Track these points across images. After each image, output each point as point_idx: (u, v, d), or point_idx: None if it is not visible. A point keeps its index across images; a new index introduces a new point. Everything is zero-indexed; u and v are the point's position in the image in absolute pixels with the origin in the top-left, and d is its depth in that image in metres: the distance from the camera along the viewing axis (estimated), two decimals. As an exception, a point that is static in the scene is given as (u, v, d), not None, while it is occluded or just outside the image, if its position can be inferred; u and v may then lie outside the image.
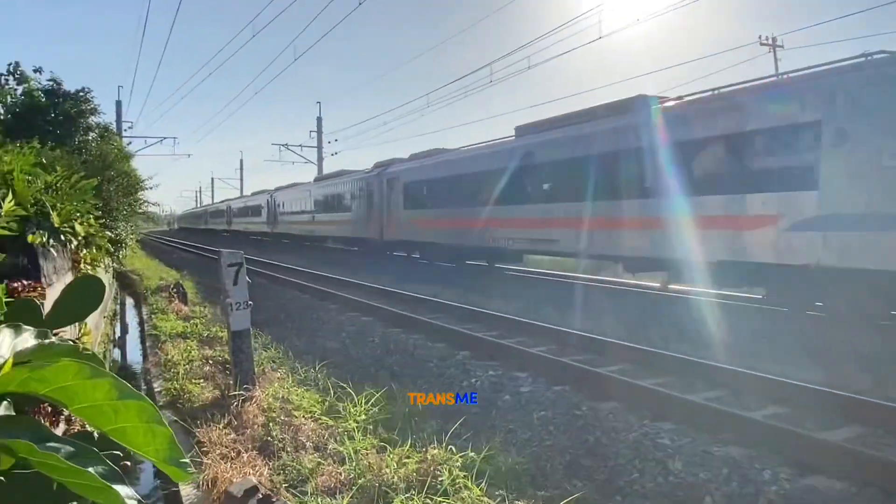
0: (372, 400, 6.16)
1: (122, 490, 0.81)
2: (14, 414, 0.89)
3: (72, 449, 0.82)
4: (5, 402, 0.90)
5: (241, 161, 79.35)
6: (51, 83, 20.40)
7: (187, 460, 0.82)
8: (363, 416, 5.72)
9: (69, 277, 5.88)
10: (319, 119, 50.10)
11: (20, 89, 21.90)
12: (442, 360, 8.40)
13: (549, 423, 5.94)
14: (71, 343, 0.94)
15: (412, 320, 11.04)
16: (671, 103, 12.91)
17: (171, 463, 0.81)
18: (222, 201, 66.21)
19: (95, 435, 0.96)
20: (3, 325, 0.90)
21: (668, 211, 11.72)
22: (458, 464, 4.56)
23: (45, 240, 4.89)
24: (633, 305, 12.17)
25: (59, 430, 3.04)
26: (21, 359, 0.85)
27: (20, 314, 1.51)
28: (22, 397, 0.87)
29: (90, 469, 0.80)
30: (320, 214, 29.39)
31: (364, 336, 10.14)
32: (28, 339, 0.90)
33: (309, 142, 50.57)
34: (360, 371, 8.23)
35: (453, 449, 4.83)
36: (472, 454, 4.74)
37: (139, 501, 0.85)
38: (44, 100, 20.13)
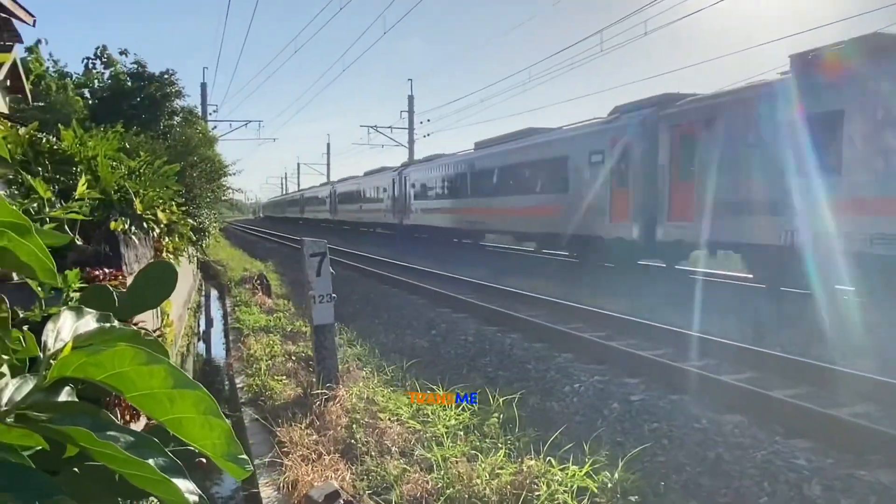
0: (464, 403, 6.19)
1: (183, 484, 0.83)
2: (76, 400, 0.93)
3: (132, 439, 0.85)
4: (67, 388, 0.94)
5: (328, 145, 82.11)
6: (135, 66, 21.70)
7: (245, 457, 0.83)
8: (453, 421, 5.76)
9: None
10: (411, 97, 50.76)
11: (107, 73, 23.37)
12: (540, 360, 8.34)
13: (663, 436, 5.78)
14: (133, 328, 0.98)
15: (510, 317, 11.04)
16: (534, 135, 22.11)
17: (228, 458, 0.82)
18: (297, 191, 78.48)
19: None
20: (65, 308, 0.95)
21: (524, 204, 21.05)
22: (558, 478, 4.51)
23: (126, 227, 5.20)
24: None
25: (139, 425, 3.22)
26: (81, 343, 0.89)
27: (94, 300, 1.60)
28: (96, 386, 0.91)
29: (150, 461, 0.82)
30: (365, 204, 39.43)
31: (455, 333, 10.21)
32: (89, 322, 0.94)
33: (399, 123, 51.40)
34: (450, 371, 8.29)
35: (552, 461, 4.79)
36: (574, 467, 4.67)
37: (201, 497, 0.87)
38: (130, 83, 21.44)
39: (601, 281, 15.52)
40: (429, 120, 59.11)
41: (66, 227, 3.54)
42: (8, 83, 17.31)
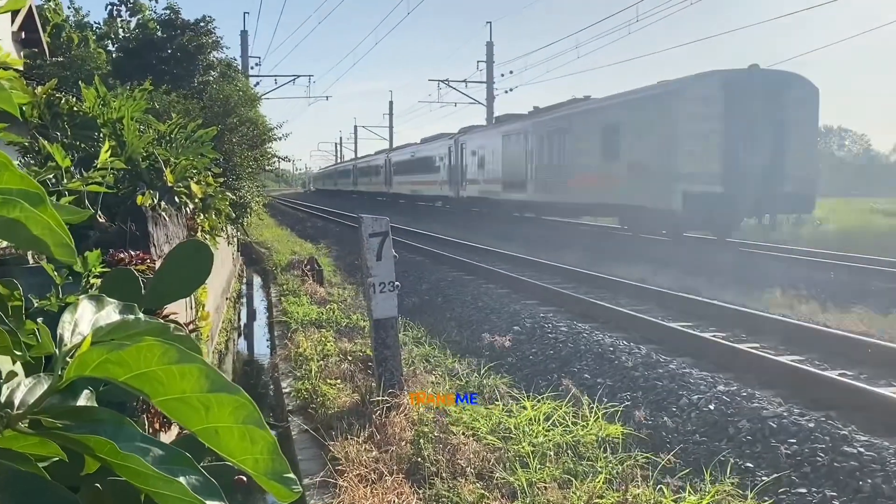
0: (555, 416, 6.18)
1: (219, 507, 0.85)
2: (96, 405, 0.96)
3: (161, 452, 0.87)
4: (86, 391, 0.97)
5: (391, 103, 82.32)
6: (167, 12, 22.29)
7: (293, 475, 0.84)
8: (541, 438, 5.75)
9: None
10: (489, 44, 50.62)
11: (134, 21, 24.13)
12: (647, 366, 8.23)
13: (804, 462, 5.62)
14: (161, 321, 1.00)
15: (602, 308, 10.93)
16: (432, 140, 48.27)
17: (272, 477, 0.83)
18: (330, 166, 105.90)
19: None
20: (84, 297, 0.98)
21: (426, 179, 44.92)
22: (671, 510, 4.44)
23: (155, 202, 5.37)
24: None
25: (170, 435, 3.33)
26: (101, 337, 0.91)
27: (116, 287, 1.65)
28: (119, 389, 0.94)
29: (180, 478, 0.84)
30: (373, 177, 62.74)
31: (544, 331, 10.18)
32: (111, 313, 0.97)
33: (476, 76, 51.34)
34: (538, 377, 8.28)
35: (664, 489, 4.73)
36: (692, 498, 4.60)
37: (239, 522, 0.88)
38: (160, 33, 22.06)
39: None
40: (511, 72, 58.87)
41: (86, 201, 3.67)
42: (23, 35, 18.07)
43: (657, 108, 20.79)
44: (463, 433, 5.91)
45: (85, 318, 0.95)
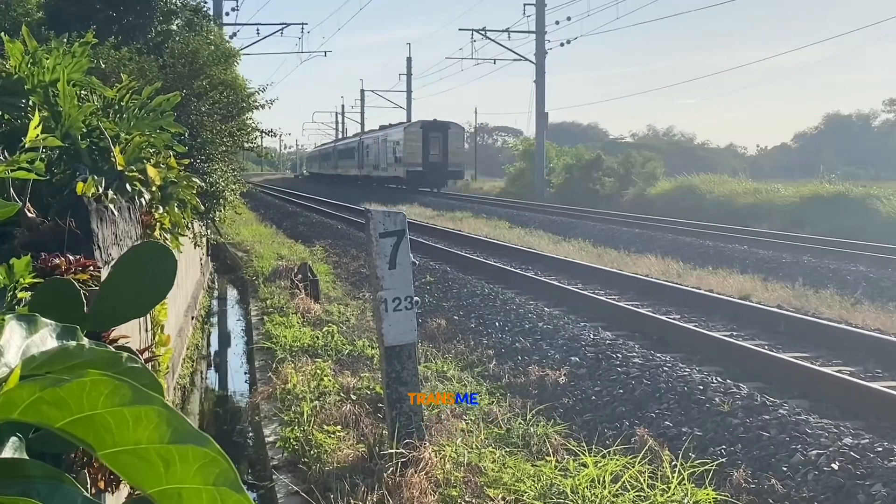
0: (624, 479, 6.16)
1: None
2: (25, 457, 0.97)
3: (108, 520, 0.89)
4: (14, 439, 0.99)
5: (409, 60, 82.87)
6: (116, -59, 22.40)
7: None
8: (606, 505, 5.74)
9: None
10: (540, -19, 50.47)
11: (73, -46, 24.31)
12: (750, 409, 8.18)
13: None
14: (108, 349, 1.01)
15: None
16: (355, 136, 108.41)
17: (250, 555, 0.84)
18: (324, 144, 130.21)
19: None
20: (11, 318, 0.99)
21: (352, 164, 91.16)
22: None
23: (101, 191, 5.41)
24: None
25: (119, 496, 3.36)
26: (33, 369, 0.93)
27: (51, 303, 1.67)
28: (55, 436, 0.95)
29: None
30: (327, 162, 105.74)
31: (610, 360, 10.16)
32: (46, 337, 0.98)
33: (522, 24, 51.27)
34: (601, 423, 8.26)
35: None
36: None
37: None
38: (106, -31, 22.16)
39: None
40: (569, 18, 58.27)
41: (10, 190, 3.72)
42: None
43: (401, 134, 64.22)
44: (503, 498, 5.90)
45: (12, 345, 0.96)
